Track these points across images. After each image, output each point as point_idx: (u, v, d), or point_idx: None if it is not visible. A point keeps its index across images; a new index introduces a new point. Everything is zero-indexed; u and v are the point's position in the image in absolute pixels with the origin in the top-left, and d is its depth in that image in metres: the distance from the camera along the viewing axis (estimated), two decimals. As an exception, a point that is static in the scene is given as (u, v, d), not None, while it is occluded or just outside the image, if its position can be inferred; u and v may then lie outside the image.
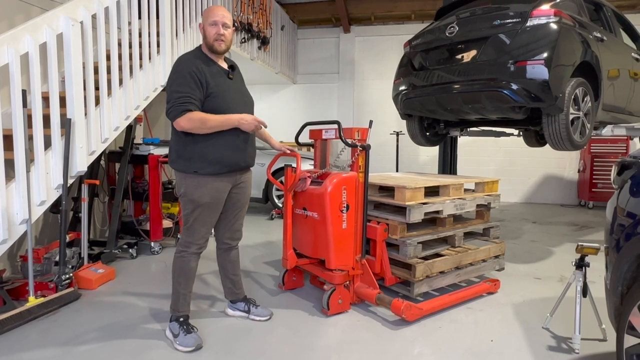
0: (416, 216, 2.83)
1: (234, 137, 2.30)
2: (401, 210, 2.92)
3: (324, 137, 3.01)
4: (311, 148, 7.41)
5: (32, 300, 2.64)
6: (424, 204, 2.89)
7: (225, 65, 2.41)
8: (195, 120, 2.18)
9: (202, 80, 2.22)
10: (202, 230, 2.35)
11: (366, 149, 2.78)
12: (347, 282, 2.78)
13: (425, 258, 2.93)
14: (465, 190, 3.36)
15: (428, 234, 3.02)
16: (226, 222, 2.52)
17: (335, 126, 2.78)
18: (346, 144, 2.76)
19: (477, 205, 3.29)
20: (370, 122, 2.94)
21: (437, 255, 3.04)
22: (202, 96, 2.23)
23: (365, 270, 2.80)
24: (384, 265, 2.87)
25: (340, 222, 2.68)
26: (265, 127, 2.39)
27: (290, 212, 2.90)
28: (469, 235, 3.44)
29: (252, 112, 2.47)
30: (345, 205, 2.69)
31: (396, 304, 2.55)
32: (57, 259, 3.12)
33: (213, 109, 2.24)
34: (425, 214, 2.89)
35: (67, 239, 3.25)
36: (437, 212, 2.99)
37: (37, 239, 3.70)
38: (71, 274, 3.03)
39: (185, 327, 2.33)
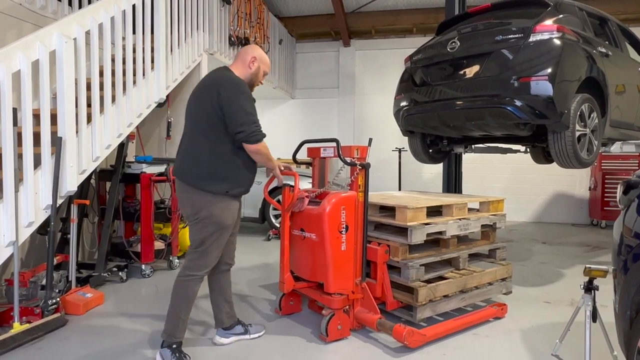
0: (418, 237, 2.86)
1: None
2: (402, 231, 2.95)
3: (322, 155, 3.07)
4: (310, 165, 7.46)
5: (17, 327, 2.65)
6: (426, 224, 2.93)
7: None
8: (265, 148, 2.42)
9: None
10: (215, 253, 2.46)
11: (366, 167, 2.83)
12: (347, 307, 2.80)
13: (429, 281, 2.95)
14: (470, 209, 3.40)
15: (431, 255, 3.04)
16: (228, 243, 2.62)
17: (334, 144, 2.83)
18: (345, 162, 2.81)
19: (482, 226, 3.32)
20: (370, 140, 3.00)
21: (441, 278, 3.05)
22: None
23: (365, 294, 2.82)
24: (385, 288, 2.89)
25: (339, 244, 2.71)
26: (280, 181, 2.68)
27: (287, 233, 2.93)
28: (474, 257, 3.45)
29: None
30: (344, 226, 2.72)
31: (398, 329, 2.56)
32: (43, 282, 3.13)
33: None
34: (428, 234, 2.92)
35: (55, 262, 3.27)
36: (440, 232, 3.03)
37: (23, 262, 3.72)
38: (58, 299, 3.04)
39: (178, 354, 2.34)
